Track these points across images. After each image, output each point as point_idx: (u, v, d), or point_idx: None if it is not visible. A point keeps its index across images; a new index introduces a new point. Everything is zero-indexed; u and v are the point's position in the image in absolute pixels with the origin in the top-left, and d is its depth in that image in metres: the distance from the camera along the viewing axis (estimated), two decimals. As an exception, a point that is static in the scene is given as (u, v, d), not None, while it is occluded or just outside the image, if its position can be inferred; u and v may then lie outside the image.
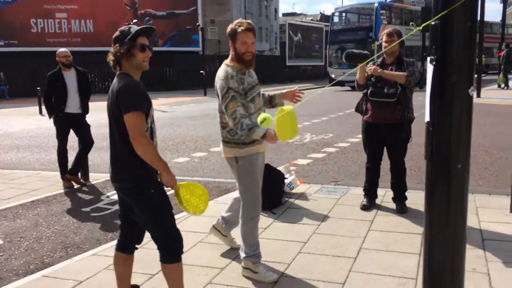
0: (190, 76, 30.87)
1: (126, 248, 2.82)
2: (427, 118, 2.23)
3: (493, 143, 8.16)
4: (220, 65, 3.31)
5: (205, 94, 25.00)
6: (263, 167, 3.49)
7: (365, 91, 4.53)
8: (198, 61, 30.24)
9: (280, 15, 60.65)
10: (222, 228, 3.80)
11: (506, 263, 3.26)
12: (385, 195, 5.01)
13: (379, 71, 4.34)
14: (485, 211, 4.38)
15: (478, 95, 16.75)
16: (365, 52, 4.44)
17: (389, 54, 4.48)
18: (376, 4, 25.97)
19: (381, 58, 4.58)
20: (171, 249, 2.66)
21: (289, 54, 42.12)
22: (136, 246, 2.87)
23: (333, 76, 26.07)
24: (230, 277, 3.29)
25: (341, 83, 23.88)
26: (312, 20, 60.77)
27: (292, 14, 71.54)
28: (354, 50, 4.48)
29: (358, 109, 4.68)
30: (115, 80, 2.58)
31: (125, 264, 2.82)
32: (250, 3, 47.03)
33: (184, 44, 32.80)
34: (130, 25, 2.63)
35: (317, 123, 11.87)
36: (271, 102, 3.49)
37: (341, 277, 3.18)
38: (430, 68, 2.16)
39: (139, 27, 2.59)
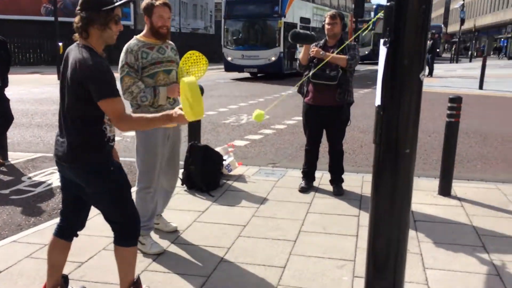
0: (121, 51, 29.53)
1: (67, 234, 2.58)
2: (378, 102, 2.21)
3: (419, 128, 8.56)
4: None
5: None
6: (178, 142, 3.50)
7: (306, 72, 4.51)
8: (130, 35, 28.91)
9: (215, -7, 59.55)
10: None
11: (436, 243, 3.40)
12: (322, 177, 5.06)
13: (321, 53, 4.32)
14: (415, 193, 4.50)
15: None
16: (311, 33, 4.39)
17: (331, 36, 4.47)
18: None
19: (323, 40, 4.56)
20: (130, 231, 2.48)
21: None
22: (77, 232, 2.63)
23: (229, 59, 20.53)
24: (167, 263, 3.14)
25: (239, 68, 20.34)
26: None
27: (228, -7, 70.56)
28: (300, 31, 4.42)
29: (300, 90, 4.65)
30: (75, 52, 2.26)
31: (62, 253, 2.58)
32: (184, -21, 45.67)
33: (114, 17, 31.27)
34: None
35: (254, 104, 11.83)
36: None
37: (282, 261, 3.15)
38: (383, 51, 2.14)
39: None
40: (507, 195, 4.48)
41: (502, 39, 50.12)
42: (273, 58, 19.54)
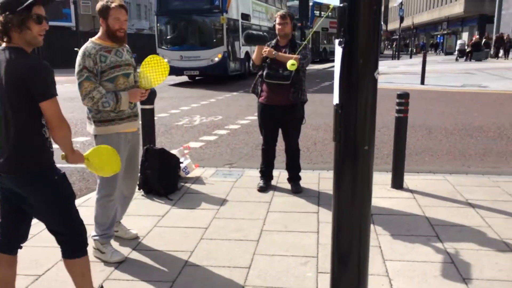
0: (63, 54, 28.41)
1: (10, 248, 2.45)
2: (335, 100, 2.27)
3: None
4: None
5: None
6: (136, 147, 3.44)
7: (260, 72, 4.55)
8: (72, 37, 27.96)
9: (160, -8, 58.53)
10: None
11: (393, 235, 3.55)
12: (279, 176, 5.13)
13: (273, 53, 4.37)
14: (369, 187, 4.72)
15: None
16: (264, 34, 4.43)
17: (283, 36, 4.53)
18: None
19: (274, 40, 4.62)
20: (76, 242, 2.39)
21: (171, 33, 40.98)
22: (21, 245, 2.51)
23: (166, 60, 10.00)
24: (130, 270, 3.08)
25: (179, 71, 17.44)
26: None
27: (173, -8, 69.56)
28: (253, 32, 4.46)
29: (254, 90, 4.69)
30: (5, 55, 2.16)
31: (8, 267, 2.45)
32: (127, -22, 44.56)
33: (54, 18, 29.96)
34: None
35: (206, 105, 11.76)
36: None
37: (246, 261, 3.17)
38: (338, 51, 2.20)
39: None
40: (454, 185, 4.74)
41: (439, 36, 52.80)
42: (216, 59, 17.36)
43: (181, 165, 5.05)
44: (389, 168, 4.94)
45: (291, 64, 4.07)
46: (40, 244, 3.36)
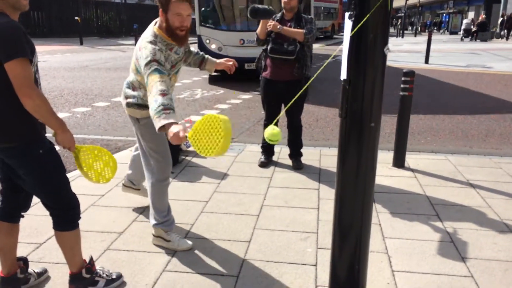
0: (63, 23, 28.05)
1: (11, 216, 2.44)
2: (343, 76, 2.23)
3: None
4: (96, 11, 2.87)
5: (81, 43, 22.97)
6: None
7: (264, 47, 4.47)
8: (72, 6, 27.53)
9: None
10: (132, 186, 3.65)
11: (393, 213, 3.56)
12: (280, 151, 5.12)
13: (278, 27, 4.28)
14: (370, 165, 4.72)
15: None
16: (269, 7, 4.34)
17: (289, 10, 4.43)
18: None
19: (280, 14, 4.52)
20: (66, 216, 2.36)
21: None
22: (22, 213, 2.50)
23: (208, 42, 10.69)
24: (130, 241, 3.10)
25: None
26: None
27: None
28: (259, 6, 4.35)
29: (258, 65, 4.62)
30: None
31: (9, 235, 2.45)
32: None
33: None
34: None
35: (207, 78, 11.66)
36: (200, 65, 3.21)
37: (247, 235, 3.19)
38: (348, 24, 2.15)
39: None
40: (456, 165, 4.74)
41: (444, 14, 52.05)
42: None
43: (182, 138, 5.01)
44: (391, 146, 4.93)
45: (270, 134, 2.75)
46: (41, 213, 3.36)
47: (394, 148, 4.72)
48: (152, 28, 2.70)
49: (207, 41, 10.44)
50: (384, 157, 4.89)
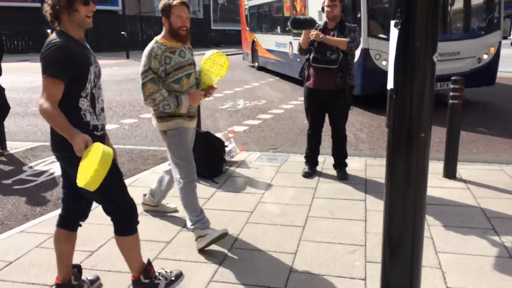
0: (111, 38, 29.16)
1: (70, 224, 2.54)
2: (390, 85, 2.17)
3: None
4: (141, 26, 3.19)
5: (127, 57, 23.78)
6: (193, 141, 3.41)
7: (307, 56, 4.45)
8: (118, 21, 28.57)
9: (204, -24, 58.67)
10: (151, 201, 3.76)
11: (446, 226, 3.41)
12: (324, 161, 5.06)
13: (321, 36, 4.24)
14: (419, 176, 4.56)
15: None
16: (310, 17, 4.32)
17: (331, 19, 4.39)
18: None
19: (323, 23, 4.49)
20: (126, 221, 2.44)
21: (214, 17, 41.16)
22: (81, 222, 2.59)
23: (377, 58, 8.42)
24: (177, 250, 3.13)
25: None
26: (237, -17, 59.69)
27: (217, -24, 69.53)
28: (300, 17, 4.34)
29: (301, 74, 4.60)
30: (51, 36, 2.24)
31: (67, 242, 2.55)
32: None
33: (101, 2, 30.62)
34: None
35: (249, 89, 11.75)
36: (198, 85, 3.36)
37: (292, 247, 3.15)
38: (394, 33, 2.09)
39: None
40: (511, 176, 4.51)
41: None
42: (486, 56, 9.15)
43: (226, 148, 5.06)
44: (441, 156, 4.75)
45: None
46: (94, 222, 3.46)
47: (445, 158, 4.55)
48: (153, 40, 3.08)
49: (377, 56, 8.22)
50: (434, 167, 4.72)
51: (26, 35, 27.31)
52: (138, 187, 4.34)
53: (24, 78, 13.77)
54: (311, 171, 4.71)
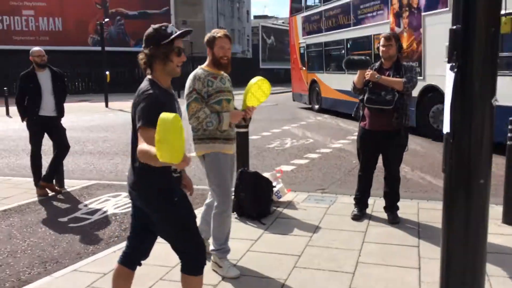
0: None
1: (132, 263, 2.61)
2: (446, 129, 2.12)
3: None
4: (193, 66, 3.44)
5: (179, 96, 24.62)
6: (234, 168, 3.61)
7: (361, 97, 4.42)
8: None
9: (251, 17, 60.73)
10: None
11: (508, 277, 3.20)
12: (374, 203, 4.93)
13: (376, 76, 4.21)
14: (476, 221, 4.34)
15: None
16: (365, 57, 4.31)
17: (387, 58, 4.35)
18: None
19: (378, 62, 4.45)
20: (195, 261, 2.49)
21: (263, 56, 42.17)
22: (141, 262, 2.66)
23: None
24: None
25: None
26: (283, 23, 61.19)
27: (264, 16, 71.75)
28: (355, 57, 4.35)
29: (356, 114, 4.55)
30: (142, 85, 2.39)
31: (127, 280, 2.61)
32: (222, 5, 46.86)
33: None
34: (166, 24, 2.41)
35: (296, 127, 11.80)
36: None
37: (342, 294, 3.05)
38: (450, 76, 2.06)
39: (179, 31, 2.39)
40: None
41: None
42: None
43: (273, 189, 5.06)
44: (499, 200, 4.51)
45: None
46: (144, 262, 3.52)
47: (504, 202, 4.31)
48: (198, 67, 3.41)
49: None
50: (492, 212, 4.44)
51: (86, 76, 29.01)
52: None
53: (83, 117, 14.56)
54: (361, 214, 4.60)
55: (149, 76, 2.40)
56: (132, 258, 2.60)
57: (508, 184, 4.29)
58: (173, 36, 2.33)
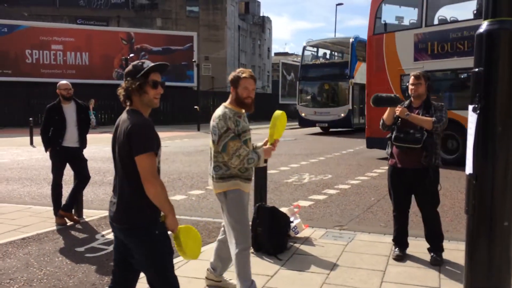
0: (184, 111, 30.94)
1: None
2: (469, 170, 2.10)
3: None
4: (213, 100, 3.51)
5: (198, 130, 24.94)
6: (247, 208, 3.52)
7: (389, 135, 4.40)
8: (192, 96, 30.37)
9: (272, 54, 61.76)
10: (214, 275, 3.75)
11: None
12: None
13: (405, 114, 4.19)
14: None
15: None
16: (394, 95, 4.31)
17: (416, 97, 4.35)
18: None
19: (408, 101, 4.44)
20: None
21: (282, 92, 42.53)
22: None
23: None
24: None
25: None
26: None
27: (284, 53, 72.86)
28: (382, 94, 4.35)
29: (388, 152, 4.50)
30: (123, 116, 2.49)
31: None
32: (244, 42, 47.89)
33: (179, 79, 32.99)
34: (143, 61, 2.54)
35: (315, 162, 11.75)
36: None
37: (360, 335, 2.95)
38: (472, 117, 2.06)
39: (152, 64, 2.50)
40: None
41: None
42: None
43: (291, 224, 5.01)
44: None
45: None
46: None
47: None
48: (222, 106, 3.38)
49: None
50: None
51: (109, 109, 29.67)
52: (201, 260, 4.35)
53: (104, 148, 14.76)
54: (403, 254, 4.41)
55: (130, 108, 2.48)
56: None
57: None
58: (145, 69, 2.43)
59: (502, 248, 2.00)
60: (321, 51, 26.45)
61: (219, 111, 3.33)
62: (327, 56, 26.66)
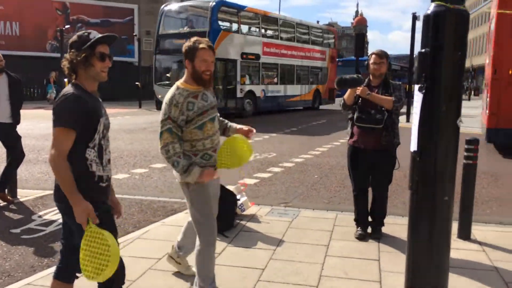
0: (125, 87, 29.87)
1: (66, 276, 2.52)
2: (413, 147, 2.19)
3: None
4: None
5: (140, 107, 24.24)
6: (218, 193, 3.31)
7: (350, 115, 4.41)
8: (134, 72, 29.38)
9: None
10: (177, 254, 3.58)
11: (464, 290, 3.30)
12: (336, 218, 4.99)
13: (367, 93, 4.19)
14: (433, 236, 4.47)
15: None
16: (357, 76, 4.29)
17: (377, 76, 4.35)
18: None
19: (366, 80, 4.42)
20: (110, 280, 2.35)
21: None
22: (77, 274, 2.55)
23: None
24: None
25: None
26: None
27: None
28: (346, 76, 4.31)
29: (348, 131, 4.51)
30: (65, 88, 2.37)
31: None
32: (188, 18, 46.76)
33: (119, 54, 31.70)
34: (90, 31, 2.40)
35: (259, 141, 11.82)
36: (224, 133, 3.27)
37: (306, 308, 3.05)
38: (418, 97, 2.14)
39: (100, 35, 2.36)
40: (528, 239, 4.40)
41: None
42: None
43: (237, 202, 5.03)
44: (455, 216, 4.67)
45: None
46: (133, 254, 3.40)
47: (459, 218, 4.47)
48: (174, 85, 2.97)
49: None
50: (448, 228, 4.63)
51: (42, 83, 28.05)
52: (147, 239, 4.30)
53: (38, 125, 14.01)
54: (365, 233, 4.46)
55: (74, 81, 2.37)
56: (66, 272, 2.52)
57: (463, 201, 4.45)
58: (91, 40, 2.32)
59: (443, 221, 2.12)
60: (181, 18, 20.41)
61: (169, 93, 2.92)
62: (194, 25, 19.69)
